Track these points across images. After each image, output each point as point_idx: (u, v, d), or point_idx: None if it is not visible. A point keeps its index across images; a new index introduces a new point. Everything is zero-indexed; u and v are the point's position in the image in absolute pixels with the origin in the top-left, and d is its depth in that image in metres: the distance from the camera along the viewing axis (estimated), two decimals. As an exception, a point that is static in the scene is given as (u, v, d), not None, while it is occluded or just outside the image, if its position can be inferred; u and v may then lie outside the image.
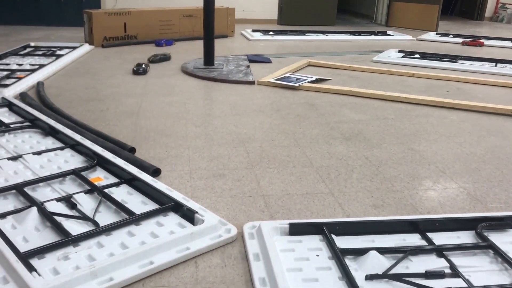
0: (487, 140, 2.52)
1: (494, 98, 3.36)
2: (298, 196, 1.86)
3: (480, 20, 9.09)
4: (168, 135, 2.48)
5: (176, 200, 1.68)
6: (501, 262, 1.41)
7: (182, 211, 1.64)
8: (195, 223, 1.57)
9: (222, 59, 4.40)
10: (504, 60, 4.56)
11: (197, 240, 1.48)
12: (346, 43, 5.85)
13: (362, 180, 2.02)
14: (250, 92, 3.40)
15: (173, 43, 5.36)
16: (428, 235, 1.53)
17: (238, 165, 2.14)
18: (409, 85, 3.70)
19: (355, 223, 1.59)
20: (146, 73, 3.72)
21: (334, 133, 2.59)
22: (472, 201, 1.85)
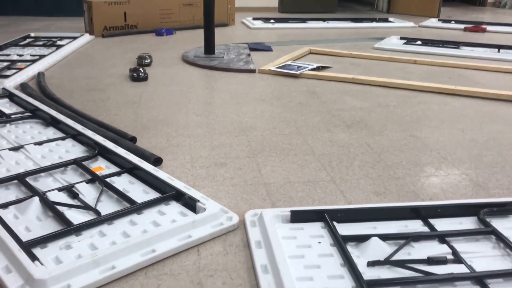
0: (489, 127, 2.51)
1: (497, 84, 3.34)
2: (299, 184, 1.86)
3: (483, 6, 9.01)
4: (169, 124, 2.47)
5: (178, 189, 1.68)
6: (504, 247, 1.41)
7: (184, 200, 1.64)
8: (197, 211, 1.57)
9: (222, 48, 4.38)
10: (507, 45, 4.53)
11: (199, 228, 1.49)
12: (348, 30, 5.81)
13: (363, 167, 2.01)
14: (251, 80, 3.39)
15: (173, 32, 5.33)
16: (430, 221, 1.53)
17: (240, 153, 2.13)
18: (411, 71, 3.68)
19: (356, 210, 1.59)
20: (147, 78, 3.33)
21: (335, 120, 2.58)
22: (475, 187, 1.84)
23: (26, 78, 3.25)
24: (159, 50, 4.42)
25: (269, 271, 1.30)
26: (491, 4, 9.03)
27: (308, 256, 1.37)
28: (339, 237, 1.42)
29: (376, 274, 1.28)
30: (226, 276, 1.31)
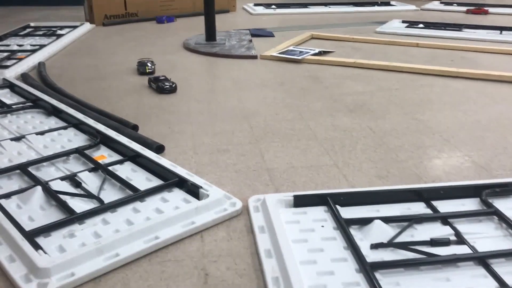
0: (492, 108, 2.49)
1: (499, 65, 3.31)
2: (302, 168, 1.86)
3: (486, -13, 8.89)
4: (171, 111, 2.47)
5: (181, 176, 1.68)
6: (506, 228, 1.41)
7: (187, 187, 1.64)
8: (200, 198, 1.58)
9: (224, 34, 4.35)
10: (509, 27, 4.47)
11: (202, 215, 1.49)
12: (349, 15, 5.76)
13: (366, 151, 2.01)
14: (253, 66, 3.37)
15: (174, 19, 5.30)
16: (432, 203, 1.53)
17: (242, 140, 2.13)
18: (413, 55, 3.65)
19: (359, 193, 1.59)
20: (176, 88, 2.81)
21: (338, 105, 2.57)
22: (477, 168, 1.84)
23: (26, 68, 3.24)
24: (160, 37, 4.40)
25: (273, 255, 1.30)
26: (494, -15, 8.91)
27: (311, 240, 1.37)
28: (342, 220, 1.42)
29: (379, 257, 1.29)
30: (230, 261, 1.32)
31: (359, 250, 1.28)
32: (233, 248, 1.38)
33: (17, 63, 3.25)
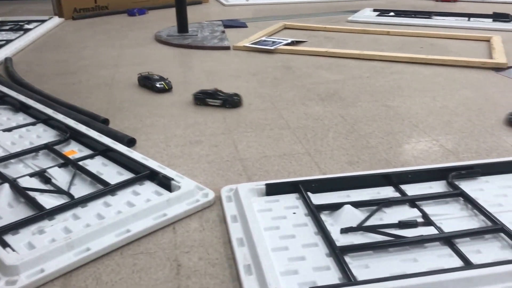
0: (459, 93, 2.54)
1: (467, 51, 3.37)
2: (275, 157, 1.87)
3: (455, -25, 9.02)
4: (142, 104, 2.45)
5: (152, 168, 1.67)
6: (471, 208, 1.45)
7: (158, 179, 1.64)
8: (172, 190, 1.58)
9: (196, 26, 4.32)
10: (477, 14, 4.56)
11: (174, 206, 1.49)
12: (322, 4, 5.78)
13: (338, 138, 2.03)
14: (226, 57, 3.36)
15: (146, 12, 5.24)
16: (401, 187, 1.56)
17: (215, 130, 2.13)
18: (384, 43, 3.69)
19: (330, 180, 1.61)
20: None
21: (310, 94, 2.58)
22: (445, 152, 1.88)
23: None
24: (132, 30, 4.35)
25: (245, 243, 1.31)
26: (463, -27, 9.04)
27: (283, 227, 1.39)
28: (313, 206, 1.44)
29: (349, 240, 1.31)
30: (202, 252, 1.33)
31: (329, 235, 1.30)
32: (205, 239, 1.38)
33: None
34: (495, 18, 4.41)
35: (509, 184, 1.59)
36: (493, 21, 4.33)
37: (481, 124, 2.14)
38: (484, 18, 4.44)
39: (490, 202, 1.47)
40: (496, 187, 1.57)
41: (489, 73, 2.88)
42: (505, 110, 2.29)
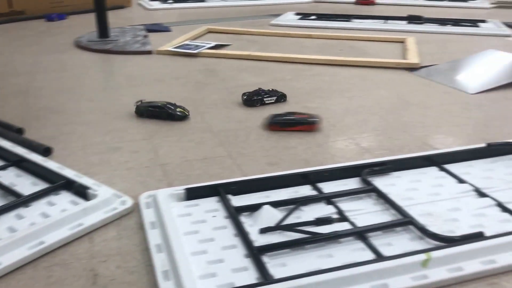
0: (374, 93, 2.67)
1: (384, 53, 3.54)
2: (197, 161, 1.87)
3: (374, -20, 9.44)
4: (60, 112, 2.37)
5: (68, 178, 1.62)
6: (383, 203, 1.52)
7: (75, 188, 1.59)
8: (88, 198, 1.53)
9: (118, 31, 4.23)
10: (393, 16, 4.80)
11: (90, 215, 1.45)
12: (246, 8, 5.84)
13: (259, 140, 2.07)
14: (148, 62, 3.31)
15: (65, 17, 5.05)
16: (318, 185, 1.62)
17: (135, 136, 2.10)
18: (306, 46, 3.80)
19: (249, 181, 1.64)
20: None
21: (233, 97, 2.61)
22: (360, 150, 1.96)
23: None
24: (50, 36, 4.17)
25: (163, 249, 1.30)
26: (381, -22, 9.47)
27: (202, 230, 1.39)
28: (232, 209, 1.46)
29: (267, 240, 1.33)
30: (119, 260, 1.30)
31: (247, 236, 1.32)
32: (123, 247, 1.36)
33: None
34: (410, 20, 4.66)
35: (418, 178, 1.69)
36: (407, 23, 4.58)
37: (394, 122, 2.26)
38: (399, 21, 4.68)
39: (401, 196, 1.56)
40: (406, 182, 1.67)
41: (403, 73, 3.04)
42: (417, 107, 2.44)
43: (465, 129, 2.18)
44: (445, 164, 1.76)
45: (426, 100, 2.55)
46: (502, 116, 2.33)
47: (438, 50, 3.62)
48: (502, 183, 1.65)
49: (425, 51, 3.53)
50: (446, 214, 1.47)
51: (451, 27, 4.40)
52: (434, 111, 2.40)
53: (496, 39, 4.06)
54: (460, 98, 2.58)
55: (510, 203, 1.52)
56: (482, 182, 1.65)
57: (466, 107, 2.45)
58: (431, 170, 1.74)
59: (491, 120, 2.28)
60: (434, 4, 6.04)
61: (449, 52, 3.55)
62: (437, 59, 3.32)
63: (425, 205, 1.52)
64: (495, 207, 1.50)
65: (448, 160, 1.78)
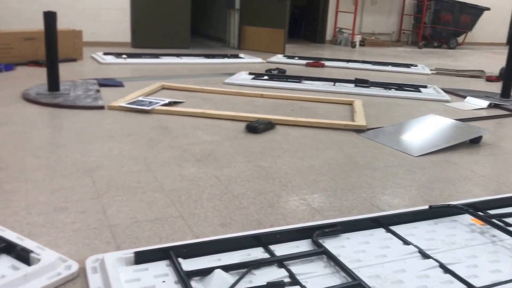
0: (324, 153, 2.74)
1: (333, 114, 3.68)
2: (147, 222, 1.83)
3: (322, 43, 9.93)
4: (2, 168, 2.27)
5: (9, 240, 1.54)
6: (333, 265, 1.53)
7: (16, 252, 1.51)
8: (31, 263, 1.46)
9: (69, 84, 4.18)
10: (341, 79, 5.03)
11: (32, 282, 1.38)
12: (200, 66, 5.96)
13: (211, 200, 2.06)
14: (99, 117, 3.28)
15: (13, 67, 4.96)
16: (270, 248, 1.61)
17: (83, 196, 2.04)
18: (258, 105, 3.89)
19: (201, 244, 1.61)
20: None
21: (186, 155, 2.60)
22: (311, 211, 1.99)
23: None
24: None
25: (109, 319, 1.24)
26: (329, 42, 9.99)
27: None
28: (183, 273, 1.42)
29: (219, 307, 1.30)
30: (61, 331, 1.23)
31: (198, 303, 1.29)
32: (65, 316, 1.29)
33: None
34: (357, 83, 4.89)
35: (367, 240, 1.72)
36: (355, 86, 4.80)
37: (343, 182, 2.32)
38: (347, 83, 4.91)
39: (350, 258, 1.58)
40: (356, 243, 1.70)
41: (351, 134, 3.16)
42: (364, 168, 2.52)
43: (409, 190, 2.27)
44: (391, 226, 1.81)
45: (372, 161, 2.65)
46: (443, 178, 2.45)
47: (383, 113, 3.81)
48: (443, 244, 1.72)
49: (371, 114, 3.69)
50: (392, 276, 1.50)
51: (395, 91, 4.66)
52: (380, 172, 2.48)
53: (436, 103, 4.32)
54: (405, 160, 2.69)
55: (451, 265, 1.57)
56: (425, 244, 1.70)
57: (410, 169, 2.55)
58: (378, 232, 1.78)
59: (433, 182, 2.38)
60: (379, 68, 6.40)
61: (393, 115, 3.74)
62: (382, 121, 3.48)
63: (373, 267, 1.54)
64: (438, 269, 1.56)
65: (394, 221, 1.84)
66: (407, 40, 10.87)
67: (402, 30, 10.68)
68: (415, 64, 6.84)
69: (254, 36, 8.04)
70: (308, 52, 8.15)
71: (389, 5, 10.41)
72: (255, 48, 7.96)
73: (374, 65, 6.61)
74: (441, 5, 10.06)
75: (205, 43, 9.01)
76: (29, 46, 5.33)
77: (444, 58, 8.41)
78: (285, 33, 7.71)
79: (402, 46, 10.41)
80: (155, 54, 6.45)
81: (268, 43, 7.84)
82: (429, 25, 10.20)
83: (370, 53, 8.60)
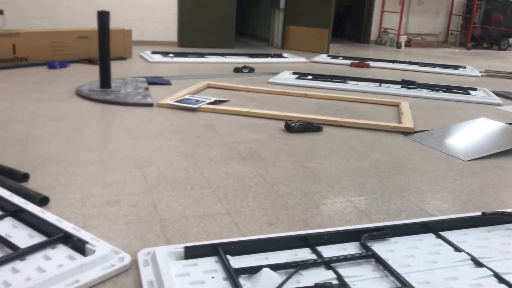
0: (371, 155, 2.71)
1: (378, 115, 3.63)
2: (195, 218, 1.87)
3: (367, 43, 9.80)
4: (58, 162, 2.37)
5: (66, 231, 1.61)
6: (382, 269, 1.52)
7: (72, 242, 1.57)
8: (86, 254, 1.52)
9: (119, 82, 4.31)
10: (387, 80, 4.95)
11: (87, 272, 1.43)
12: (245, 65, 6.00)
13: (257, 198, 2.08)
14: (148, 114, 3.36)
15: (67, 65, 5.15)
16: (317, 249, 1.62)
17: (134, 190, 2.10)
18: (302, 105, 3.88)
19: (249, 242, 1.63)
20: None
21: (231, 153, 2.64)
22: (358, 213, 1.98)
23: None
24: (51, 83, 4.24)
25: (161, 310, 1.28)
26: (373, 42, 9.85)
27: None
28: (231, 270, 1.45)
29: (267, 305, 1.32)
30: (116, 320, 1.28)
31: (247, 300, 1.31)
32: (120, 306, 1.33)
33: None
34: (403, 84, 4.81)
35: (416, 245, 1.69)
36: (401, 88, 4.72)
37: (391, 185, 2.29)
38: (393, 84, 4.83)
39: (399, 263, 1.56)
40: (404, 248, 1.67)
41: (398, 136, 3.11)
42: (412, 172, 2.48)
43: (460, 196, 2.22)
44: (441, 231, 1.78)
45: (421, 165, 2.60)
46: (495, 184, 2.38)
47: (431, 116, 3.73)
48: (498, 253, 1.67)
49: (419, 116, 3.62)
50: (444, 283, 1.47)
51: (443, 94, 4.55)
52: (429, 176, 2.44)
53: (486, 107, 4.19)
54: (454, 165, 2.63)
55: (506, 274, 1.52)
56: (478, 251, 1.66)
57: (460, 174, 2.49)
58: (428, 237, 1.75)
59: (484, 188, 2.32)
60: (426, 70, 6.26)
61: (441, 118, 3.65)
62: (430, 124, 3.40)
63: (423, 273, 1.52)
64: (492, 278, 1.51)
65: (444, 227, 1.80)
66: (455, 41, 10.58)
67: (450, 30, 10.41)
68: (464, 66, 6.65)
69: (297, 35, 8.03)
70: (352, 52, 8.07)
71: (436, 5, 10.16)
72: (298, 48, 7.94)
73: (420, 66, 6.48)
74: (493, 5, 9.74)
75: (249, 43, 9.06)
76: (82, 44, 5.52)
77: (495, 60, 8.14)
78: (330, 32, 7.66)
79: (450, 47, 10.14)
80: (201, 53, 6.55)
81: (311, 42, 7.81)
82: (479, 25, 9.89)
83: (416, 54, 8.42)
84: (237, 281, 1.39)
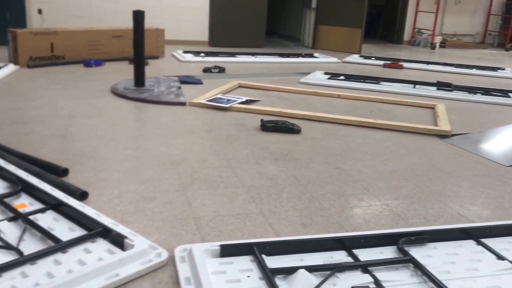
0: (407, 158, 2.67)
1: (413, 117, 3.57)
2: (229, 217, 1.88)
3: (399, 44, 9.65)
4: (96, 158, 2.42)
5: (105, 225, 1.64)
6: (421, 275, 1.50)
7: (111, 237, 1.60)
8: (125, 248, 1.54)
9: (153, 80, 4.36)
10: (422, 82, 4.87)
11: (126, 266, 1.46)
12: (275, 65, 6.00)
13: (291, 199, 2.07)
14: (181, 113, 3.39)
15: (102, 63, 5.25)
16: (353, 252, 1.60)
17: (169, 187, 2.12)
18: (335, 105, 3.86)
19: (284, 243, 1.63)
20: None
21: (264, 153, 2.64)
22: (394, 217, 1.95)
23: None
24: (87, 81, 4.33)
25: (199, 307, 1.29)
26: (407, 42, 9.69)
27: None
28: (267, 270, 1.45)
29: (304, 306, 1.31)
30: (155, 315, 1.30)
31: (284, 300, 1.30)
32: (158, 301, 1.35)
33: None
34: (439, 86, 4.71)
35: (456, 251, 1.66)
36: (437, 89, 4.63)
37: (428, 190, 2.25)
38: (428, 86, 4.74)
39: (439, 269, 1.53)
40: (444, 254, 1.64)
41: (434, 140, 3.05)
42: (450, 176, 2.43)
43: (501, 202, 2.16)
44: (482, 238, 1.73)
45: (459, 169, 2.55)
46: (537, 190, 2.31)
47: (469, 119, 3.64)
48: (542, 262, 1.62)
49: (455, 119, 3.55)
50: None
51: (481, 96, 4.43)
52: (468, 181, 2.38)
53: (526, 110, 4.07)
54: (494, 170, 2.56)
55: (551, 284, 1.48)
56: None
57: (501, 180, 2.43)
58: (468, 243, 1.71)
59: (526, 194, 2.26)
60: (463, 71, 6.12)
61: (479, 121, 3.57)
62: (468, 127, 3.33)
63: (464, 280, 1.49)
64: (536, 288, 1.47)
65: (486, 234, 1.76)
66: (493, 42, 10.31)
67: (488, 31, 10.15)
68: (503, 68, 6.47)
69: (329, 35, 7.98)
70: (385, 52, 7.96)
71: (473, 5, 9.93)
72: (329, 48, 7.89)
73: (456, 67, 6.34)
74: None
75: (279, 42, 9.04)
76: (116, 43, 5.62)
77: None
78: (362, 32, 7.58)
79: (487, 48, 9.89)
80: (231, 53, 6.57)
81: (343, 42, 7.75)
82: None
83: (451, 55, 8.25)
84: (273, 281, 1.39)
